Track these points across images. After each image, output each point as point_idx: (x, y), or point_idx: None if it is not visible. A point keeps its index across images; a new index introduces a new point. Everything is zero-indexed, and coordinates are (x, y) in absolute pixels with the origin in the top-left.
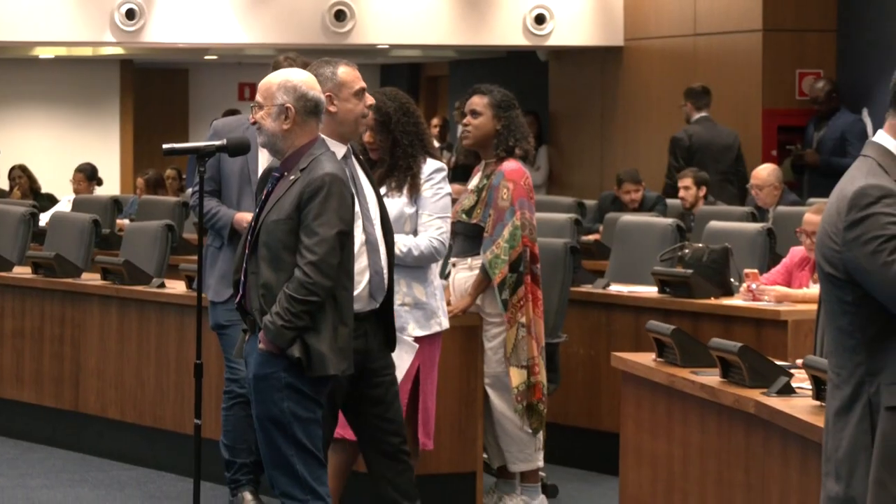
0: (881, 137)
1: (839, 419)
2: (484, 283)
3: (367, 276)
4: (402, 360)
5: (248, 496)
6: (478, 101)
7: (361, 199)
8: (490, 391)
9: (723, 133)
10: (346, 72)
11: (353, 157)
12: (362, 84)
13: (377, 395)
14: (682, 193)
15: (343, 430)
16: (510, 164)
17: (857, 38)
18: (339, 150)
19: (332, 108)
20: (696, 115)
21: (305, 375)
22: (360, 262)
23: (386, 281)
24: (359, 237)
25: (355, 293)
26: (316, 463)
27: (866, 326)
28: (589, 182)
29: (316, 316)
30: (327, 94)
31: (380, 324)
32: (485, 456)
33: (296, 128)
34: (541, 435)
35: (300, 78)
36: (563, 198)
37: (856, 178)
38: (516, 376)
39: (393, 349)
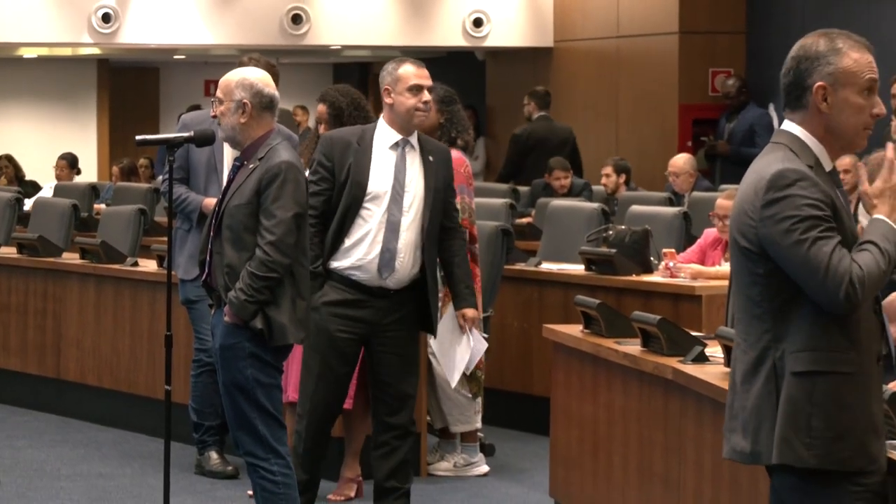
0: (790, 126)
1: (746, 380)
2: None
3: (376, 252)
4: (463, 353)
5: (213, 455)
6: None
7: (397, 186)
8: (433, 360)
9: (559, 129)
10: (405, 69)
11: (408, 146)
12: (418, 82)
13: (375, 369)
14: (603, 181)
15: (297, 394)
16: (452, 154)
17: (764, 39)
18: (393, 137)
19: (388, 100)
20: (537, 114)
21: (267, 345)
22: (376, 240)
23: (402, 261)
24: (378, 218)
25: (363, 264)
26: (277, 424)
27: (774, 297)
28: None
29: (276, 290)
30: (386, 87)
31: (402, 301)
32: (428, 418)
33: (252, 121)
34: (479, 399)
35: (256, 76)
36: (498, 184)
37: (772, 161)
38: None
39: (429, 330)
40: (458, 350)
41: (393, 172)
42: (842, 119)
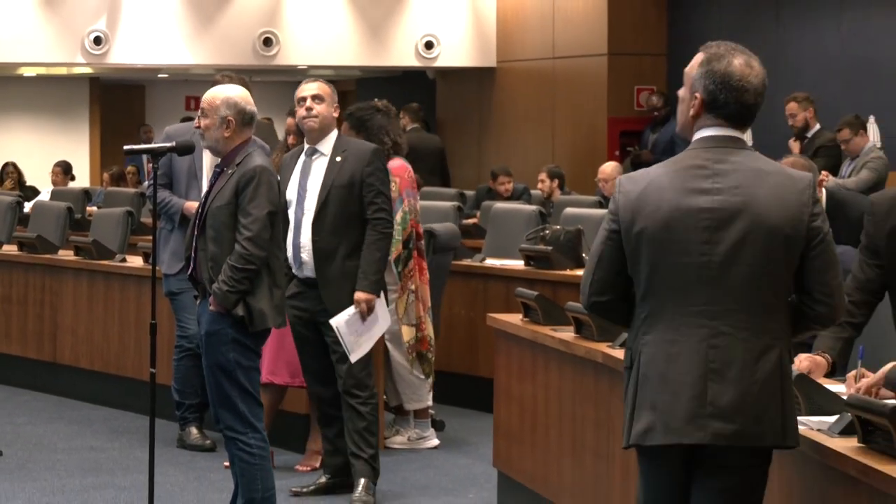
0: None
1: (747, 367)
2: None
3: (290, 249)
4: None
5: (194, 430)
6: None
7: (300, 190)
8: (388, 345)
9: (429, 140)
10: (299, 88)
11: (316, 153)
12: (301, 95)
13: (328, 352)
14: (540, 185)
15: (271, 376)
16: (395, 163)
17: (683, 60)
18: (306, 147)
19: None
20: (410, 126)
21: (248, 330)
22: (289, 238)
23: (307, 254)
24: (291, 219)
25: (289, 261)
26: (255, 403)
27: (789, 290)
28: (469, 176)
29: (254, 281)
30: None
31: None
32: (385, 397)
33: (234, 135)
34: (430, 379)
35: (240, 95)
36: (447, 189)
37: (778, 163)
38: (407, 332)
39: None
40: (358, 329)
41: (298, 178)
42: None
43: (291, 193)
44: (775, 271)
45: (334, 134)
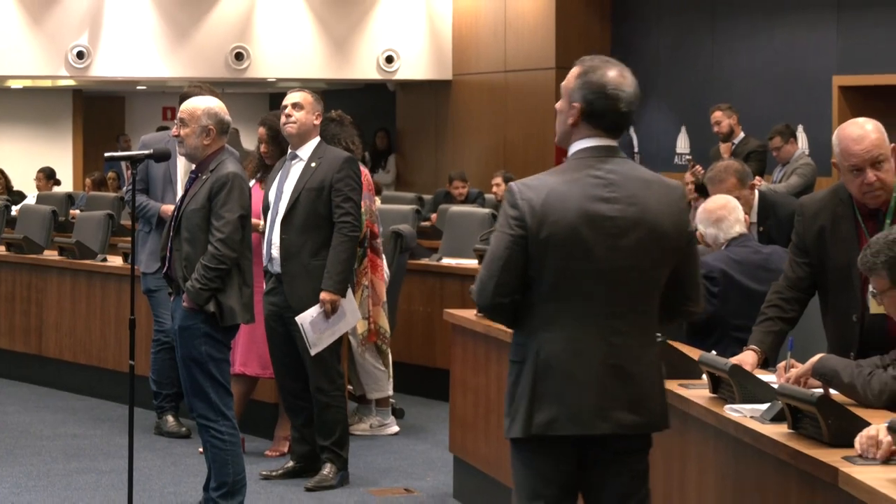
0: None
1: (638, 362)
2: None
3: (264, 246)
4: (324, 328)
5: (170, 419)
6: None
7: (277, 192)
8: (351, 339)
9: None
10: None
11: (296, 158)
12: (285, 102)
13: (290, 341)
14: (493, 189)
15: (243, 367)
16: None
17: None
18: (289, 152)
19: None
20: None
21: (219, 325)
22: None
23: (276, 251)
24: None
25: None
26: (225, 392)
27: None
28: (427, 181)
29: (225, 280)
30: None
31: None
32: (350, 387)
33: (212, 143)
34: (390, 370)
35: (217, 105)
36: (407, 193)
37: (652, 172)
38: (360, 325)
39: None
40: (321, 325)
41: (278, 180)
42: None
43: (271, 194)
44: (660, 275)
45: (315, 141)
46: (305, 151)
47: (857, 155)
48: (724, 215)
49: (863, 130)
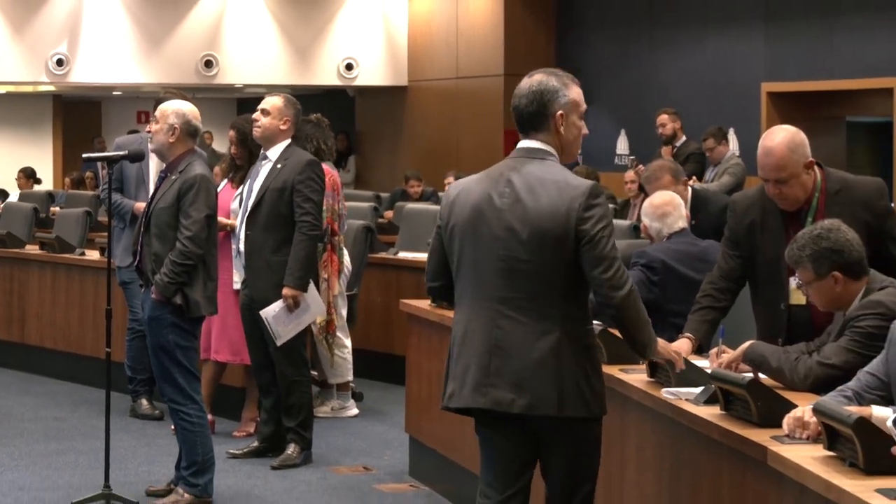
0: (536, 143)
1: (528, 344)
2: None
3: (233, 241)
4: (288, 320)
5: (144, 402)
6: None
7: (247, 191)
8: (313, 328)
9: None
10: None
11: (265, 158)
12: (258, 107)
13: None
14: (446, 188)
15: (215, 354)
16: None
17: None
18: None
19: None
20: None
21: (185, 316)
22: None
23: (241, 247)
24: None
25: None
26: (193, 378)
27: (571, 281)
28: (384, 180)
29: (191, 274)
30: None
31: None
32: (314, 372)
33: (178, 142)
34: (349, 357)
35: (188, 108)
36: (365, 192)
37: (567, 173)
38: (319, 317)
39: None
40: (284, 318)
41: (250, 179)
42: (570, 138)
43: (244, 191)
44: (550, 267)
45: (284, 144)
46: (274, 153)
47: (762, 168)
48: (669, 211)
49: (772, 145)
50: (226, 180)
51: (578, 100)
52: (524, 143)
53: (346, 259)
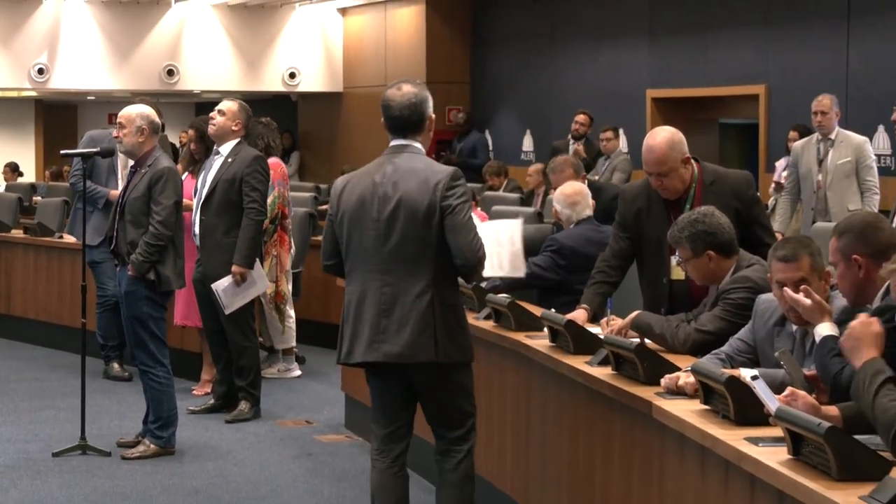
0: (412, 142)
1: (406, 304)
2: None
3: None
4: (236, 292)
5: (115, 365)
6: None
7: (201, 183)
8: (264, 300)
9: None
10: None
11: (217, 154)
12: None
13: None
14: None
15: (185, 320)
16: (271, 160)
17: (481, 87)
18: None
19: None
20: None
21: (157, 290)
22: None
23: (197, 229)
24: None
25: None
26: (162, 345)
27: (437, 250)
28: (324, 172)
29: (162, 254)
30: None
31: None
32: (261, 339)
33: (146, 140)
34: (293, 325)
35: (149, 110)
36: (307, 183)
37: (433, 163)
38: (269, 288)
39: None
40: (232, 291)
41: (204, 172)
42: (430, 134)
43: (200, 182)
44: (423, 239)
45: (234, 141)
46: (225, 149)
47: (646, 163)
48: (578, 200)
49: (654, 143)
50: (187, 173)
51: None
52: (396, 142)
53: (291, 240)
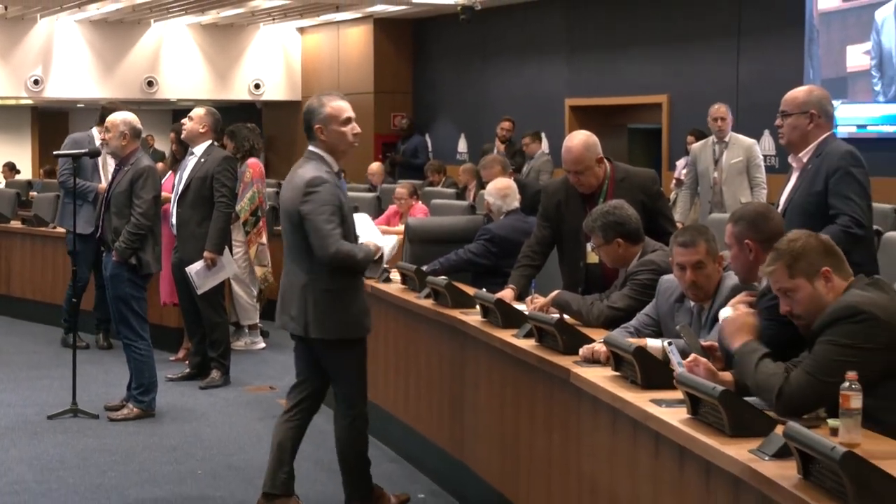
0: (314, 147)
1: (296, 287)
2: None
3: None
4: (207, 275)
5: (101, 338)
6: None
7: (177, 181)
8: (233, 282)
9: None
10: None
11: (191, 154)
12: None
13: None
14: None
15: (169, 298)
16: (252, 160)
17: (422, 96)
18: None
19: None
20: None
21: (138, 273)
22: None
23: (174, 220)
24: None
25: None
26: (143, 321)
27: (309, 247)
28: (286, 172)
29: (143, 241)
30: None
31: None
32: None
33: (129, 143)
34: (257, 304)
35: (131, 116)
36: (271, 180)
37: (310, 169)
38: (259, 271)
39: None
40: (204, 274)
41: (181, 170)
42: (335, 140)
43: (177, 178)
44: (299, 236)
45: (207, 143)
46: (199, 150)
47: (565, 162)
48: (508, 193)
49: (571, 145)
50: (170, 171)
51: (334, 113)
52: (308, 148)
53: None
